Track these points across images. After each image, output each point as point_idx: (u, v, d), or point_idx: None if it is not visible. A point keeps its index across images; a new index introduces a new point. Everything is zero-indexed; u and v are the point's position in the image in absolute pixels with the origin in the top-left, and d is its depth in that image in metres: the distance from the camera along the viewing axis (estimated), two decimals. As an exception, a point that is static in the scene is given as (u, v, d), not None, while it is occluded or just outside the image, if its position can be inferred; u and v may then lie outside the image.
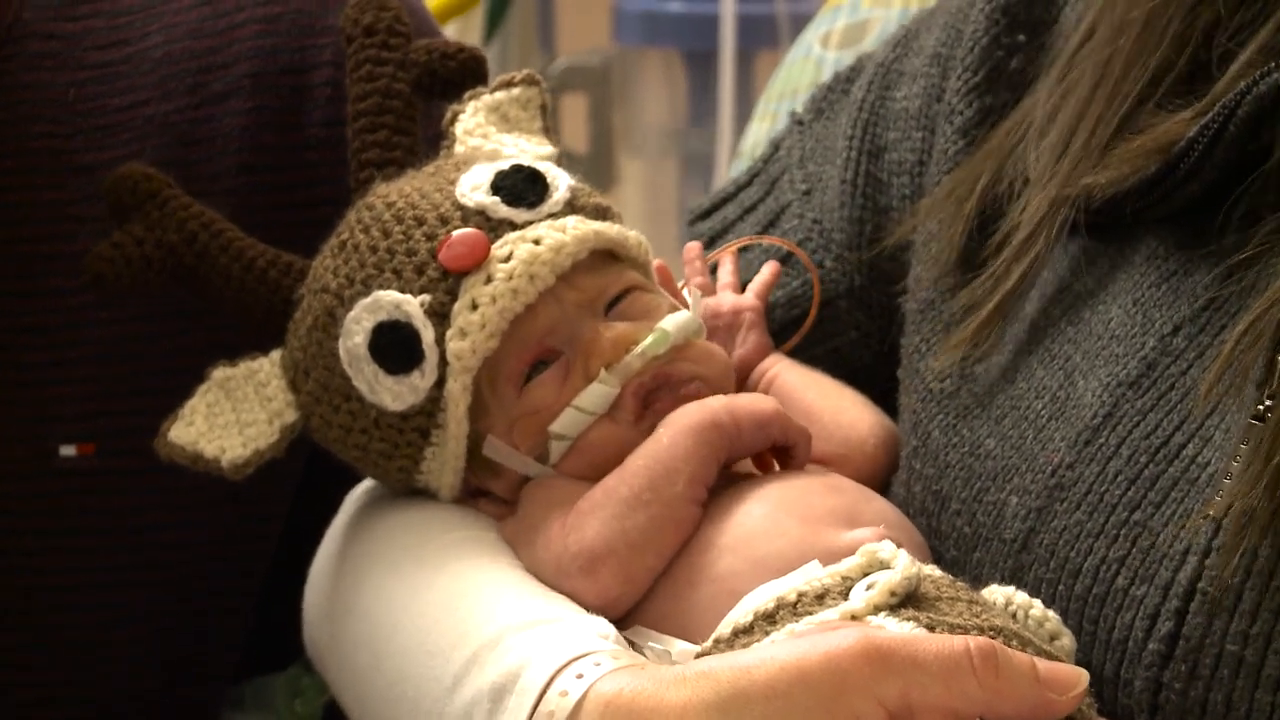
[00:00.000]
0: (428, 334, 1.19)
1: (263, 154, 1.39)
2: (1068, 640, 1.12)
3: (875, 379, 1.28)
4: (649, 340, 1.18)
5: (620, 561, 1.16)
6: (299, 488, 1.35)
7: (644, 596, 1.17)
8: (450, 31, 1.65)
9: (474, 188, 1.21)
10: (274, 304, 1.24)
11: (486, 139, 1.26)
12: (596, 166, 2.08)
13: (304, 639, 1.30)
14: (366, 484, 1.29)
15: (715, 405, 1.18)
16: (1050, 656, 1.09)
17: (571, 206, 1.22)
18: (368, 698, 1.22)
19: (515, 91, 1.28)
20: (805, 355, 1.28)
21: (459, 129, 1.27)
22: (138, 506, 1.35)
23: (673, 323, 1.19)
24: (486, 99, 1.28)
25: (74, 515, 1.35)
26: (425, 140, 1.27)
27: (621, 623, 1.14)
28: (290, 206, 1.30)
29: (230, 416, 1.24)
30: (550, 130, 1.29)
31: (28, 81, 1.38)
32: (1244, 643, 1.09)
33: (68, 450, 1.34)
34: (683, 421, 1.17)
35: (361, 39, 1.28)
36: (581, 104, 2.08)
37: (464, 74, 1.29)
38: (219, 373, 1.24)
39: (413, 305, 1.19)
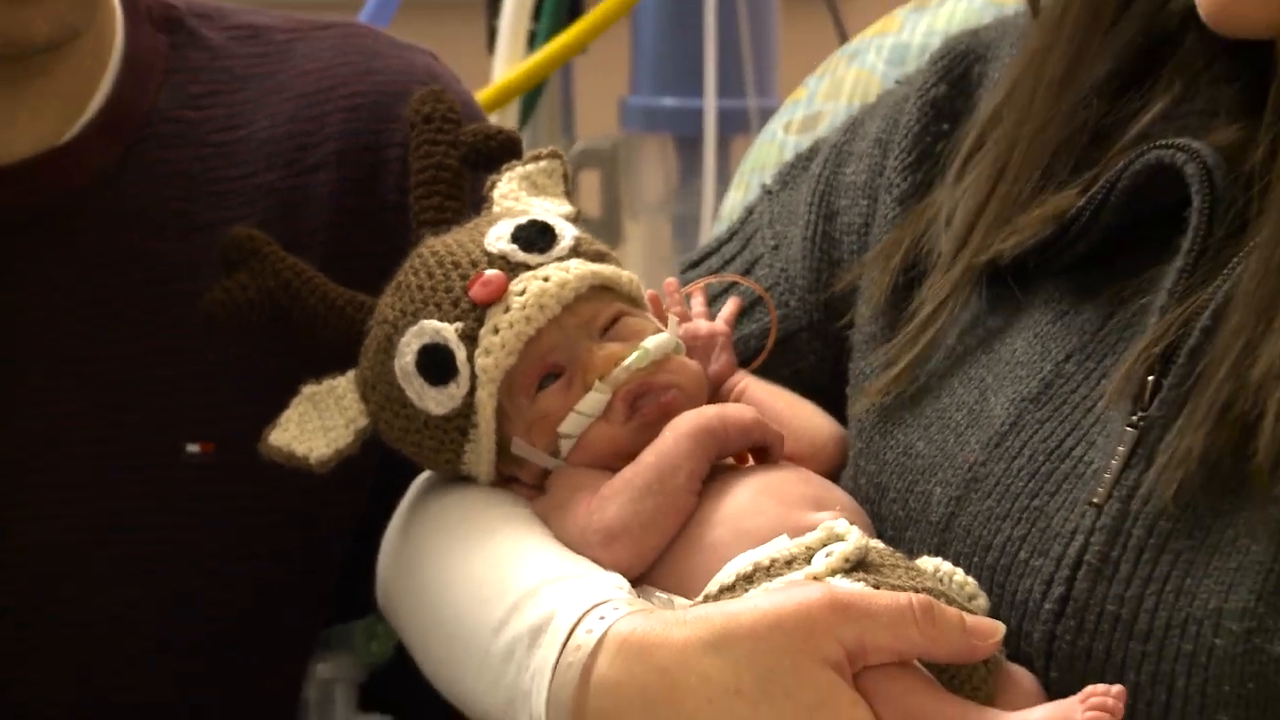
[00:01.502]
0: (461, 353, 1.19)
1: (346, 215, 1.39)
2: (983, 601, 1.12)
3: (829, 395, 1.27)
4: (633, 356, 1.18)
5: (633, 538, 1.16)
6: (376, 478, 1.33)
7: (660, 560, 1.17)
8: (492, 119, 1.64)
9: (498, 238, 1.21)
10: (349, 334, 1.24)
11: (518, 201, 1.25)
12: (607, 227, 2.08)
13: (377, 593, 1.29)
14: (426, 473, 1.28)
15: (710, 414, 1.18)
16: (969, 613, 1.09)
17: (575, 251, 1.21)
18: (429, 639, 1.22)
19: (542, 164, 1.28)
20: (773, 375, 1.27)
21: (496, 194, 1.26)
22: (247, 493, 1.34)
23: (653, 342, 1.19)
24: (519, 170, 1.27)
25: (197, 500, 1.35)
26: (473, 203, 1.27)
27: (633, 583, 1.14)
28: (368, 256, 1.29)
29: (317, 423, 1.23)
30: (570, 194, 1.29)
31: (162, 156, 1.38)
32: (1120, 604, 1.09)
33: (193, 447, 1.34)
34: (684, 426, 1.17)
35: (421, 125, 1.29)
36: (595, 178, 2.07)
37: (503, 151, 1.29)
38: (307, 389, 1.24)
39: (449, 331, 1.19)
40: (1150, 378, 1.12)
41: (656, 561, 1.17)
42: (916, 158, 1.28)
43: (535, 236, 1.21)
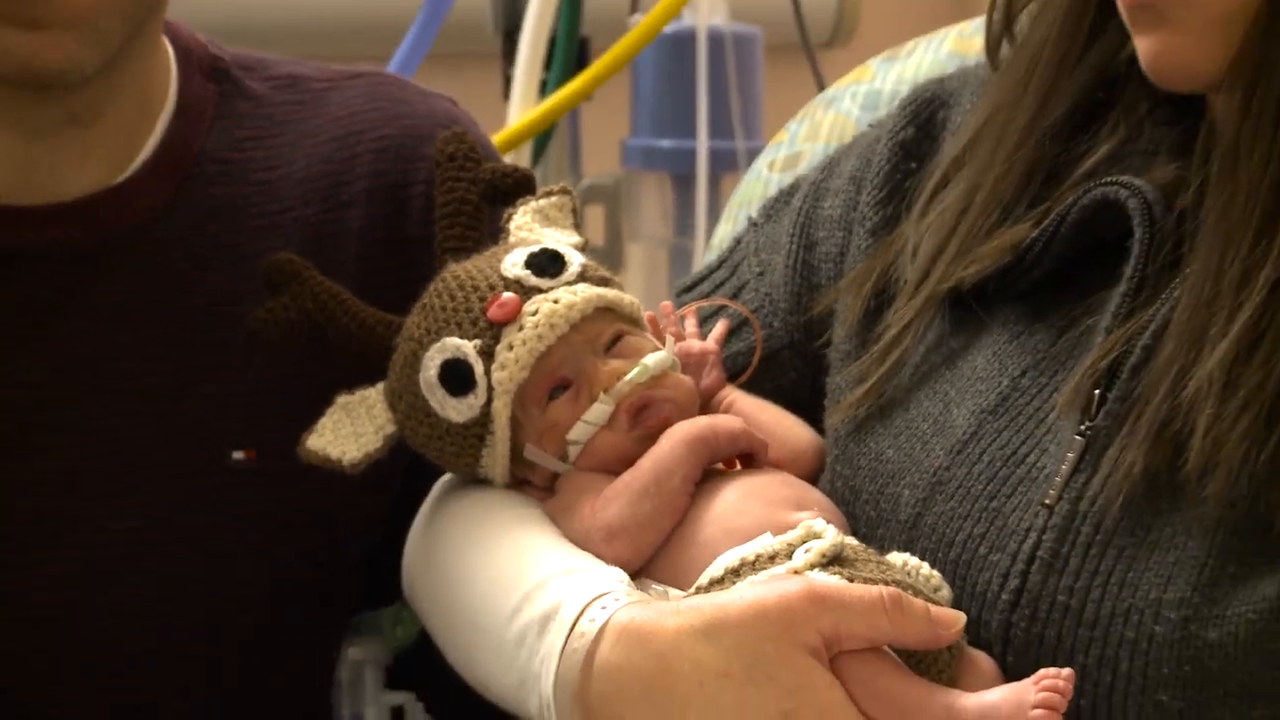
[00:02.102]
0: (479, 367, 1.19)
1: (375, 247, 1.38)
2: (947, 592, 1.12)
3: (808, 407, 1.27)
4: (634, 371, 1.18)
5: (631, 536, 1.16)
6: (402, 481, 1.33)
7: (656, 555, 1.17)
8: (507, 159, 1.64)
9: (513, 264, 1.21)
10: (379, 350, 1.24)
11: (532, 232, 1.25)
12: (610, 255, 2.08)
13: (403, 583, 1.29)
14: (447, 476, 1.28)
15: (702, 424, 1.18)
16: (935, 604, 1.09)
17: (582, 277, 1.21)
18: (449, 625, 1.22)
19: (554, 199, 1.28)
20: (758, 389, 1.27)
21: (512, 225, 1.26)
22: (285, 496, 1.33)
23: (653, 359, 1.19)
24: (533, 204, 1.27)
25: (240, 502, 1.34)
26: (491, 233, 1.27)
27: (632, 576, 1.14)
28: (395, 283, 1.28)
29: (349, 429, 1.23)
30: (578, 226, 1.29)
31: (210, 194, 1.37)
32: (1069, 595, 1.10)
33: (237, 455, 1.34)
34: (679, 434, 1.17)
35: (446, 163, 1.29)
36: (600, 211, 2.07)
37: (518, 187, 1.29)
38: (341, 399, 1.24)
39: (469, 347, 1.19)
40: (1096, 391, 1.12)
41: (653, 556, 1.16)
42: (887, 194, 1.28)
43: (546, 263, 1.21)
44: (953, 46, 1.44)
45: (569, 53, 2.05)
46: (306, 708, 1.40)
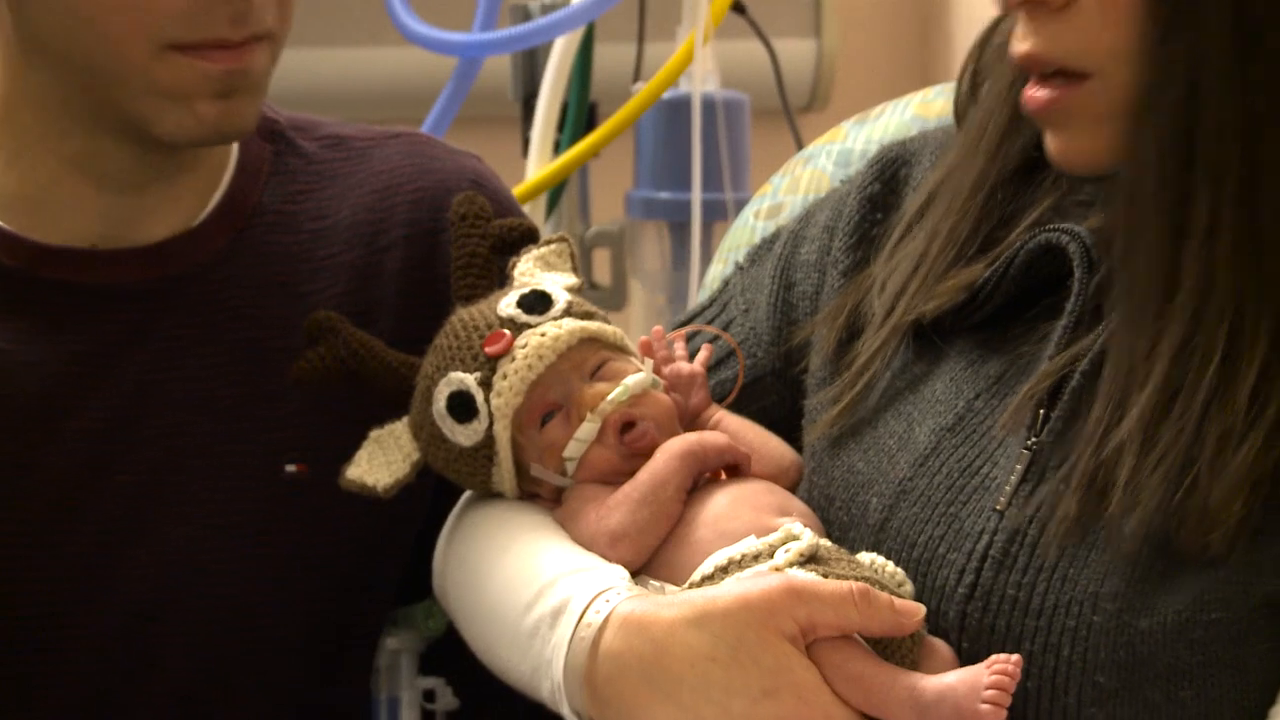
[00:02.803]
0: (479, 396, 1.19)
1: (411, 285, 1.38)
2: (909, 587, 1.12)
3: (788, 426, 1.27)
4: (615, 392, 1.18)
5: (632, 540, 1.16)
6: (433, 498, 1.33)
7: (655, 554, 1.16)
8: (526, 208, 1.65)
9: (507, 305, 1.21)
10: (402, 387, 1.24)
11: (533, 277, 1.25)
12: (615, 294, 2.07)
13: (433, 582, 1.29)
14: (469, 492, 1.28)
15: (692, 439, 1.18)
16: (898, 597, 1.09)
17: (567, 312, 1.21)
18: (471, 617, 1.22)
19: (553, 247, 1.28)
20: (743, 411, 1.26)
21: (516, 272, 1.26)
22: (331, 505, 1.32)
23: (632, 380, 1.19)
24: (535, 252, 1.27)
25: (293, 511, 1.34)
26: (501, 280, 1.27)
27: (632, 574, 1.14)
28: (428, 316, 1.27)
29: (381, 459, 1.24)
30: (577, 269, 1.29)
31: (266, 240, 1.37)
32: (1018, 589, 1.09)
33: (290, 468, 1.33)
34: (672, 449, 1.17)
35: (459, 222, 1.29)
36: (606, 255, 2.06)
37: (522, 239, 1.29)
38: (374, 433, 1.24)
39: (470, 380, 1.19)
40: (1041, 411, 1.12)
41: (664, 555, 1.16)
42: (856, 240, 1.27)
43: (535, 302, 1.21)
44: (915, 111, 1.44)
45: (579, 116, 2.05)
46: (350, 691, 1.40)
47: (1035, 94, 1.12)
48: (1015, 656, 1.04)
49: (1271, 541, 1.05)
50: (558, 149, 2.03)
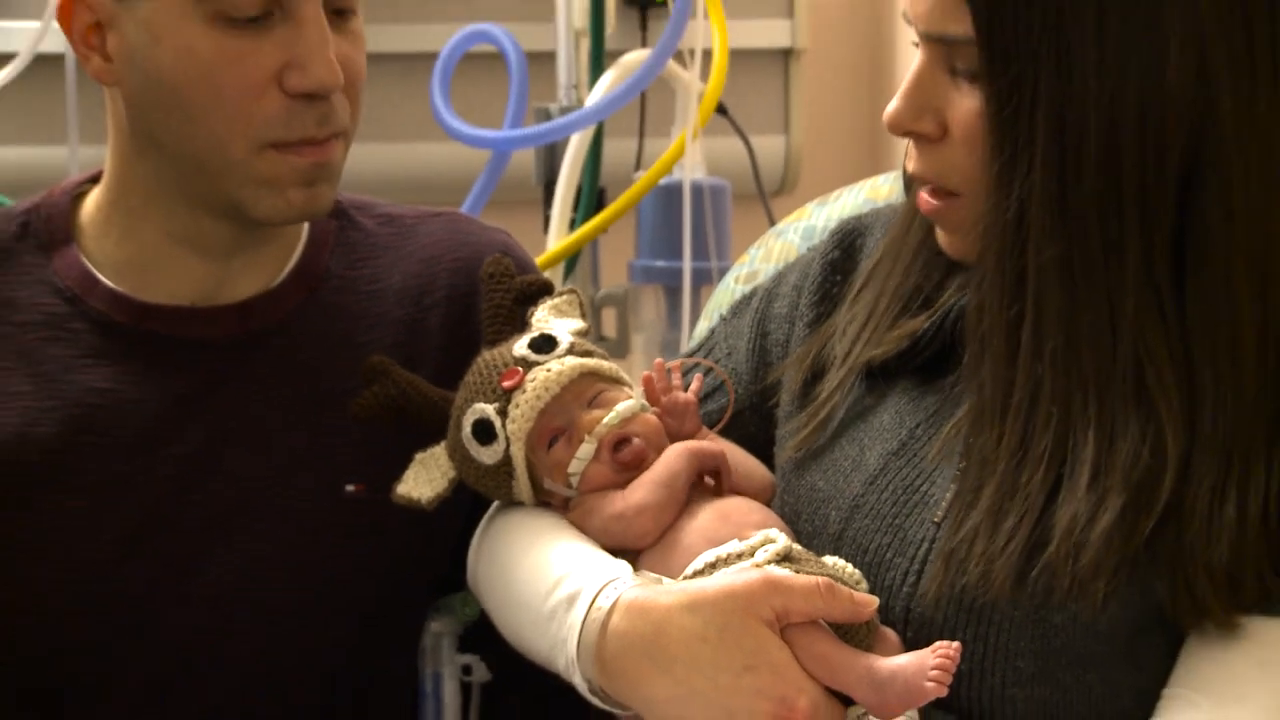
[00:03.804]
0: (497, 423, 1.19)
1: (451, 338, 1.37)
2: (864, 585, 1.12)
3: (764, 451, 1.26)
4: (608, 417, 1.18)
5: (652, 513, 1.15)
6: (466, 514, 1.32)
7: (647, 554, 1.16)
8: (547, 274, 1.64)
9: (519, 346, 1.21)
10: (442, 419, 1.24)
11: (546, 323, 1.25)
12: (619, 345, 2.07)
13: (467, 575, 1.28)
14: (496, 502, 1.28)
15: (692, 444, 1.19)
16: (856, 591, 1.08)
17: (570, 351, 1.21)
18: (500, 604, 1.21)
19: (564, 298, 1.28)
20: (728, 438, 1.26)
21: (534, 319, 1.26)
22: (385, 519, 1.31)
23: (623, 406, 1.19)
24: (550, 303, 1.27)
25: (352, 526, 1.33)
26: (524, 326, 1.27)
27: (634, 567, 1.13)
28: (465, 364, 1.26)
29: (424, 477, 1.23)
30: (584, 315, 1.28)
31: (331, 300, 1.37)
32: (953, 588, 1.08)
33: (350, 488, 1.33)
34: (680, 448, 1.18)
35: (488, 280, 1.29)
36: (613, 313, 2.07)
37: (539, 291, 1.28)
38: (419, 455, 1.24)
39: (489, 409, 1.19)
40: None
41: (650, 554, 1.15)
42: (819, 298, 1.27)
43: (543, 344, 1.21)
44: (867, 194, 1.45)
45: (591, 199, 2.05)
46: (399, 668, 1.39)
47: (924, 200, 1.14)
48: (955, 644, 1.03)
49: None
50: (573, 226, 2.03)
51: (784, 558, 1.09)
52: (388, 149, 2.29)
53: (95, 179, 1.36)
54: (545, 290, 1.28)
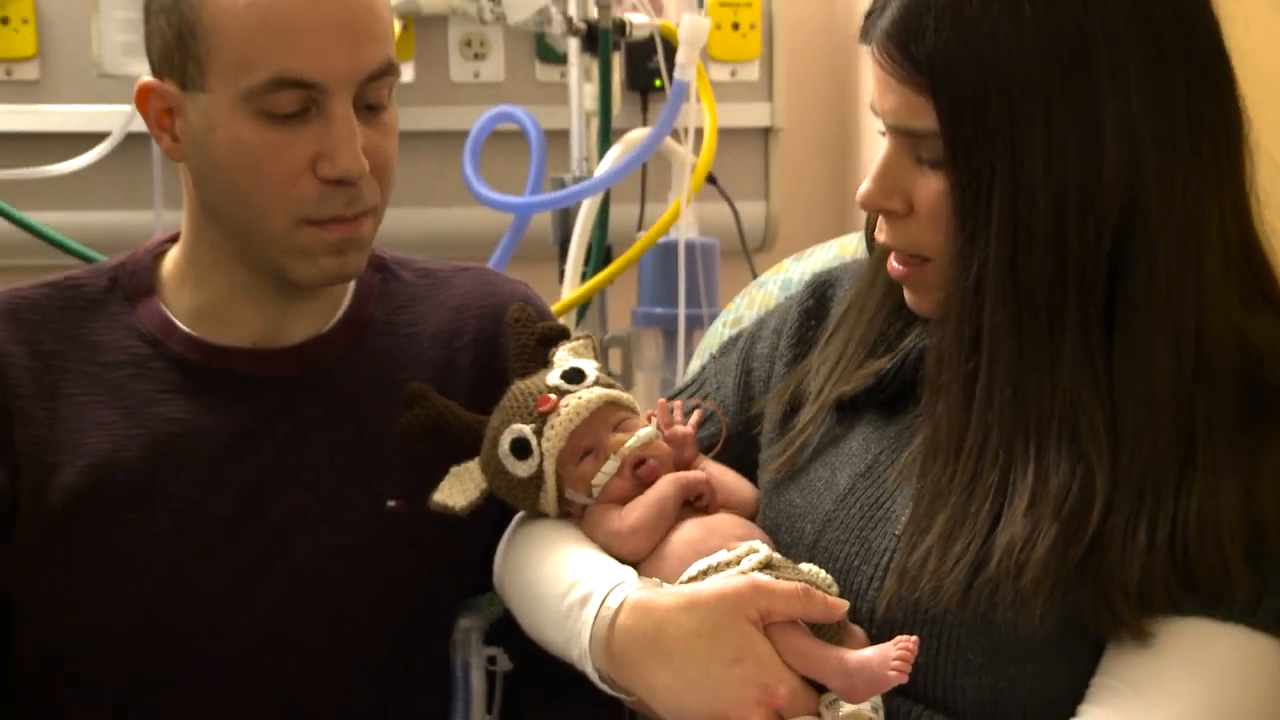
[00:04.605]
0: (534, 442, 1.19)
1: (479, 377, 1.36)
2: (835, 589, 1.11)
3: (749, 472, 1.26)
4: (631, 440, 1.18)
5: (644, 532, 1.15)
6: (494, 523, 1.31)
7: (645, 562, 1.15)
8: (561, 319, 1.64)
9: (553, 377, 1.21)
10: (475, 439, 1.23)
11: (566, 361, 1.24)
12: (624, 381, 2.06)
13: (493, 578, 1.28)
14: (519, 514, 1.27)
15: (678, 475, 1.19)
16: (829, 595, 1.08)
17: (595, 383, 1.21)
18: (522, 603, 1.21)
19: (580, 341, 1.27)
20: (720, 459, 1.26)
21: (555, 358, 1.25)
22: (422, 531, 1.31)
23: (643, 433, 1.19)
24: (567, 345, 1.27)
25: (393, 538, 1.32)
26: (545, 364, 1.26)
27: (637, 573, 1.13)
28: (490, 398, 1.26)
29: (459, 488, 1.22)
30: (597, 356, 1.28)
31: (375, 343, 1.36)
32: (911, 591, 1.08)
33: (391, 502, 1.32)
34: (668, 479, 1.18)
35: (514, 325, 1.29)
36: (619, 353, 2.07)
37: (558, 335, 1.28)
38: (454, 468, 1.23)
39: (527, 430, 1.19)
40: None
41: (649, 563, 1.15)
42: (796, 341, 1.27)
43: (573, 375, 1.21)
44: (837, 251, 1.45)
45: (599, 255, 2.05)
46: (435, 659, 1.38)
47: (893, 266, 1.13)
48: (914, 638, 1.03)
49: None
50: (584, 278, 2.03)
51: (766, 565, 1.09)
52: (426, 213, 2.29)
53: (174, 239, 1.37)
54: (563, 335, 1.28)
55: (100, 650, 1.27)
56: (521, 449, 1.19)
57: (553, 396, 1.20)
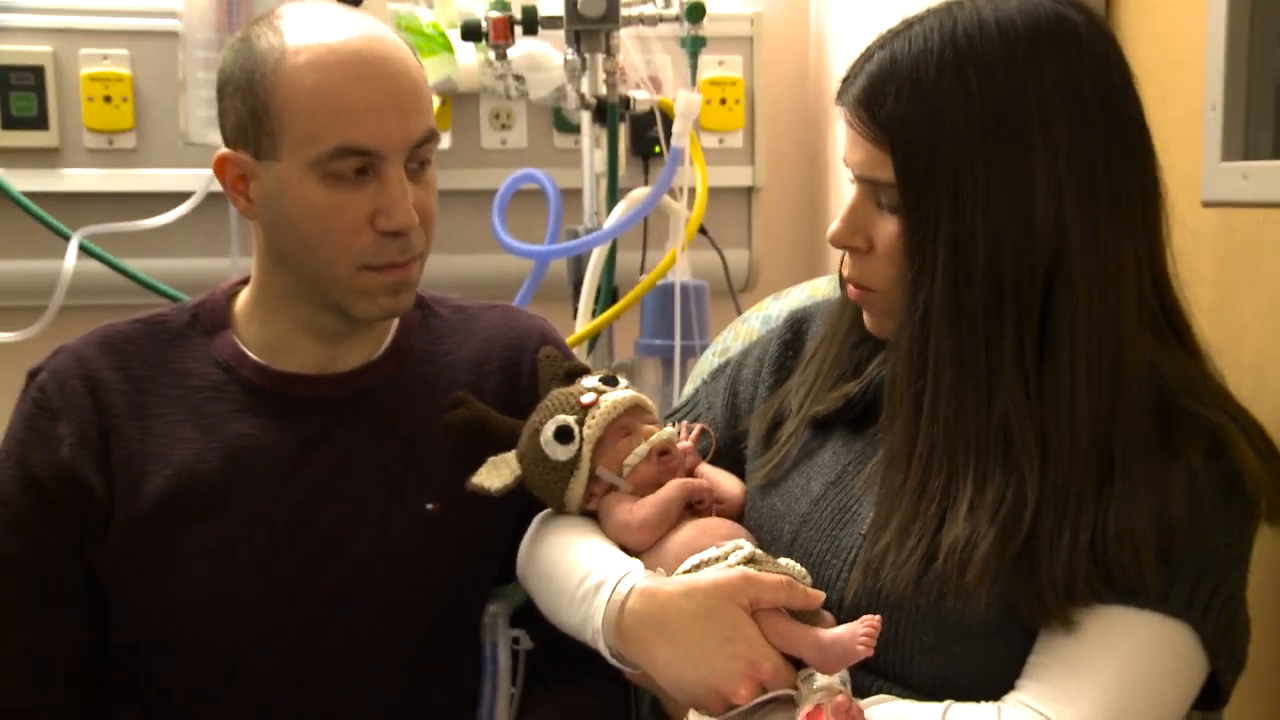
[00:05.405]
0: (576, 430, 1.18)
1: (503, 399, 1.35)
2: (809, 579, 1.11)
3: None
4: (656, 435, 1.19)
5: (650, 528, 1.15)
6: (517, 522, 1.30)
7: (646, 555, 1.15)
8: (575, 350, 1.64)
9: (590, 380, 1.22)
10: (511, 438, 1.23)
11: (587, 385, 1.24)
12: (630, 400, 2.04)
13: (517, 569, 1.27)
14: (541, 512, 1.26)
15: (685, 481, 1.18)
16: (806, 586, 1.08)
17: (626, 388, 1.22)
18: (542, 590, 1.20)
19: (600, 376, 1.26)
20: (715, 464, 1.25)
21: (582, 383, 1.25)
22: (457, 531, 1.30)
23: (667, 429, 1.20)
24: (587, 379, 1.26)
25: (432, 542, 1.31)
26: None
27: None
28: (515, 416, 1.26)
29: (495, 473, 1.22)
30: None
31: (416, 370, 1.36)
32: (874, 582, 1.08)
33: (429, 506, 1.31)
34: (673, 484, 1.18)
35: (544, 361, 1.28)
36: (625, 377, 2.06)
37: (582, 372, 1.28)
38: (490, 458, 1.23)
39: (570, 419, 1.19)
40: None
41: (651, 556, 1.14)
42: (776, 368, 1.27)
43: (611, 379, 1.22)
44: (810, 291, 1.45)
45: (607, 295, 2.05)
46: (467, 639, 1.37)
47: (853, 291, 1.14)
48: (877, 618, 1.03)
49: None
50: (594, 315, 2.03)
51: (750, 560, 1.09)
52: (460, 259, 2.29)
53: (245, 281, 1.37)
54: (585, 371, 1.28)
55: (169, 642, 1.27)
56: (565, 435, 1.18)
57: (594, 393, 1.20)
